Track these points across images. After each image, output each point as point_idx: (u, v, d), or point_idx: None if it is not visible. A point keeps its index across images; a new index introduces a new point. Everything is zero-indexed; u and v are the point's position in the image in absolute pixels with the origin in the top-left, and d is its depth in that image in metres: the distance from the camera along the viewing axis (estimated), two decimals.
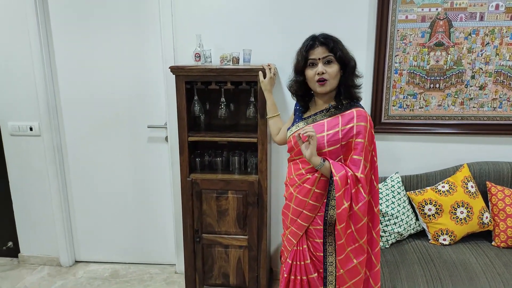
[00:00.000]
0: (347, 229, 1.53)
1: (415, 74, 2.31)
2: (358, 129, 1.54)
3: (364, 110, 1.61)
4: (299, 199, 1.65)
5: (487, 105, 2.31)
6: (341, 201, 1.50)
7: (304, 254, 1.65)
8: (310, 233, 1.65)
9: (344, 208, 1.50)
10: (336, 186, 1.50)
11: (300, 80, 1.66)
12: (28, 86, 2.60)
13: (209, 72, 2.08)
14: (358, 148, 1.54)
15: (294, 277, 1.67)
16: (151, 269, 2.84)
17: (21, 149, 2.73)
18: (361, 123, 1.55)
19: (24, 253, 2.94)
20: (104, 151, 2.72)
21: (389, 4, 2.21)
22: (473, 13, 2.20)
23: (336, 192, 1.50)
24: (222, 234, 2.29)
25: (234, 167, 2.32)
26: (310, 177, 1.63)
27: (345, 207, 1.50)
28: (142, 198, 2.78)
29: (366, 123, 1.56)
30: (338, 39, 1.61)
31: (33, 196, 2.81)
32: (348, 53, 1.61)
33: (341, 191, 1.50)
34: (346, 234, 1.53)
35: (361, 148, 1.54)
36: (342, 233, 1.52)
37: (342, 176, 1.50)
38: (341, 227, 1.51)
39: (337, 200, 1.51)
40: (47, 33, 2.55)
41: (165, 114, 2.58)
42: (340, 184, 1.50)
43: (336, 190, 1.51)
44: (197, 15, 2.37)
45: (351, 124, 1.55)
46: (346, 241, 1.54)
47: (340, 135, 1.56)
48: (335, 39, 1.60)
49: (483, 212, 2.19)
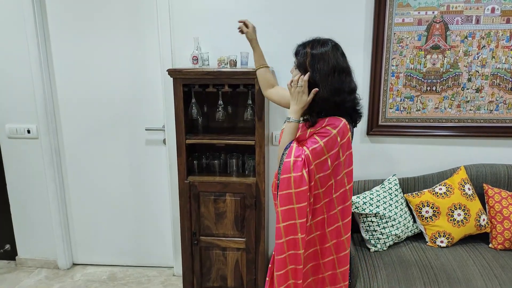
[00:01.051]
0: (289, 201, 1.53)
1: (412, 77, 2.32)
2: (322, 130, 1.53)
3: (339, 119, 1.55)
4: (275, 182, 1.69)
5: (484, 108, 2.33)
6: (287, 169, 1.52)
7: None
8: None
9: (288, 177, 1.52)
10: (289, 152, 1.54)
11: None
12: (26, 89, 2.60)
13: (206, 75, 2.09)
14: (309, 141, 1.54)
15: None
16: (149, 271, 2.84)
17: (18, 151, 2.73)
18: (328, 128, 1.53)
19: (21, 256, 2.94)
20: (101, 154, 2.71)
21: (385, 7, 2.22)
22: (469, 16, 2.21)
23: (286, 158, 1.53)
24: (220, 236, 2.29)
25: (232, 170, 2.32)
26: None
27: (289, 176, 1.51)
28: (140, 201, 2.77)
29: (334, 130, 1.53)
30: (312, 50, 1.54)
31: (31, 199, 2.81)
32: (311, 66, 1.53)
33: (292, 159, 1.51)
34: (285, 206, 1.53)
35: (314, 144, 1.53)
36: (280, 201, 1.54)
37: (297, 148, 1.54)
38: (280, 194, 1.53)
39: (284, 165, 1.53)
40: (44, 35, 2.55)
41: (162, 117, 2.58)
42: (294, 152, 1.52)
43: (287, 156, 1.53)
44: (194, 18, 2.37)
45: (320, 126, 1.55)
46: (282, 212, 1.54)
47: (307, 136, 1.57)
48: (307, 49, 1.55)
49: (480, 214, 2.20)
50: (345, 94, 1.54)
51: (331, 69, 1.51)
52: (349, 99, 1.55)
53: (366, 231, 2.21)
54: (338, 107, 1.55)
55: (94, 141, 2.70)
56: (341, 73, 1.53)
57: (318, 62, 1.52)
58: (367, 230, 2.20)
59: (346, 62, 1.56)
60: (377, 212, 2.17)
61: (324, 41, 1.57)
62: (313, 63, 1.52)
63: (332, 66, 1.51)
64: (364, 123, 2.41)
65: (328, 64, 1.51)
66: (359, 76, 2.35)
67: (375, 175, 2.45)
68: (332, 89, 1.51)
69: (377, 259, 2.11)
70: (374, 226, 2.18)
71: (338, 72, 1.52)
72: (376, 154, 2.46)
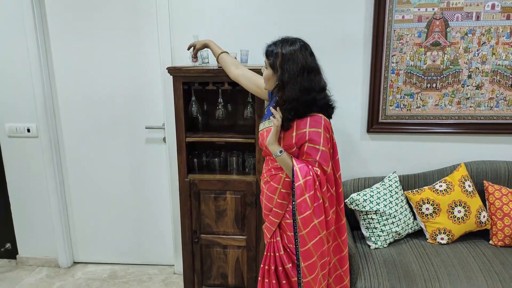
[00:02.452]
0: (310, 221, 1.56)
1: (412, 74, 2.31)
2: (310, 135, 1.57)
3: (319, 115, 1.59)
4: (268, 196, 1.72)
5: (484, 105, 2.32)
6: (301, 191, 1.54)
7: (278, 245, 1.69)
8: (283, 226, 1.70)
9: (303, 199, 1.54)
10: (295, 176, 1.55)
11: None
12: (26, 88, 2.59)
13: (206, 73, 2.09)
14: (309, 152, 1.58)
15: (268, 267, 1.71)
16: (149, 270, 2.84)
17: (18, 150, 2.73)
18: (314, 129, 1.57)
19: (22, 255, 2.94)
20: (102, 152, 2.72)
21: (385, 4, 2.22)
22: (469, 12, 2.21)
23: (296, 181, 1.55)
24: (221, 234, 2.29)
25: (232, 168, 2.32)
26: (276, 176, 1.69)
27: (305, 198, 1.54)
28: (140, 199, 2.78)
29: (320, 129, 1.57)
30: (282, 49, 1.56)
31: (31, 198, 2.81)
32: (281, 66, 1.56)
33: (301, 181, 1.54)
34: (308, 227, 1.56)
35: (315, 153, 1.57)
36: (302, 224, 1.56)
37: (302, 167, 1.56)
38: (301, 218, 1.56)
39: (297, 189, 1.55)
40: (44, 35, 2.55)
41: (162, 115, 2.58)
42: (300, 174, 1.54)
43: (295, 180, 1.55)
44: (194, 16, 2.37)
45: (304, 130, 1.58)
46: (308, 233, 1.57)
47: (294, 140, 1.60)
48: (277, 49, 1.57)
49: (480, 211, 2.20)
50: (315, 93, 1.58)
51: (300, 69, 1.55)
52: (320, 97, 1.60)
53: (367, 229, 2.21)
54: (309, 106, 1.59)
55: (94, 139, 2.70)
56: (310, 73, 1.57)
57: (288, 62, 1.56)
58: (367, 227, 2.21)
59: (315, 61, 1.61)
60: (377, 209, 2.17)
61: (292, 41, 1.61)
62: (283, 64, 1.56)
63: (301, 66, 1.56)
64: (364, 121, 2.41)
65: (297, 64, 1.56)
66: (359, 73, 2.35)
67: (375, 172, 2.45)
68: (301, 88, 1.55)
69: (377, 256, 2.11)
70: (374, 223, 2.19)
71: (307, 72, 1.56)
72: (376, 152, 2.46)
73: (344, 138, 2.42)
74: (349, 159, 2.46)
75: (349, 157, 2.45)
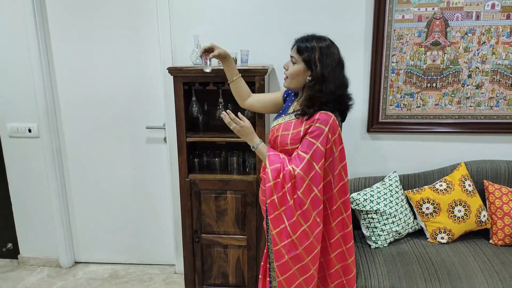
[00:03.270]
0: (278, 222, 1.58)
1: (412, 73, 2.32)
2: (314, 128, 1.55)
3: (330, 115, 1.57)
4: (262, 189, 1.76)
5: (484, 104, 2.33)
6: (270, 192, 1.57)
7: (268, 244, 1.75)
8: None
9: (272, 200, 1.57)
10: (267, 177, 1.58)
11: None
12: (27, 88, 2.60)
13: (207, 73, 2.09)
14: (305, 144, 1.56)
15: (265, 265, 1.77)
16: (150, 269, 2.85)
17: (20, 150, 2.73)
18: (320, 125, 1.55)
19: (23, 255, 2.95)
20: (103, 152, 2.72)
21: (385, 4, 2.22)
22: (469, 12, 2.21)
23: (266, 183, 1.58)
24: (221, 234, 2.30)
25: (233, 167, 2.33)
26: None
27: (273, 199, 1.56)
28: (141, 199, 2.78)
29: (325, 127, 1.55)
30: (319, 44, 1.56)
31: (33, 198, 2.82)
32: (320, 61, 1.55)
33: (271, 183, 1.56)
34: (277, 228, 1.58)
35: (310, 146, 1.55)
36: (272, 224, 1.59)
37: (274, 168, 1.57)
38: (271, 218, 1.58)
39: (266, 190, 1.58)
40: (45, 35, 2.56)
41: (163, 115, 2.59)
42: (271, 176, 1.56)
43: (266, 181, 1.58)
44: (194, 16, 2.37)
45: (312, 124, 1.57)
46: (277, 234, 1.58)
47: (301, 134, 1.59)
48: (313, 44, 1.56)
49: (480, 210, 2.20)
50: (345, 89, 1.61)
51: (337, 64, 1.57)
52: (347, 94, 1.62)
53: (367, 228, 2.21)
54: (339, 102, 1.61)
55: (95, 139, 2.70)
56: (342, 68, 1.60)
57: (327, 56, 1.56)
58: (367, 227, 2.21)
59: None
60: (377, 208, 2.18)
61: (323, 37, 1.61)
62: (322, 58, 1.56)
63: (337, 61, 1.58)
64: (364, 120, 2.42)
65: (334, 58, 1.57)
66: (360, 73, 2.35)
67: (376, 172, 2.45)
68: (338, 83, 1.57)
69: (377, 255, 2.11)
70: (374, 222, 2.19)
71: (342, 67, 1.59)
72: (376, 151, 2.46)
73: (344, 138, 2.38)
74: (350, 158, 2.43)
75: (349, 157, 2.42)
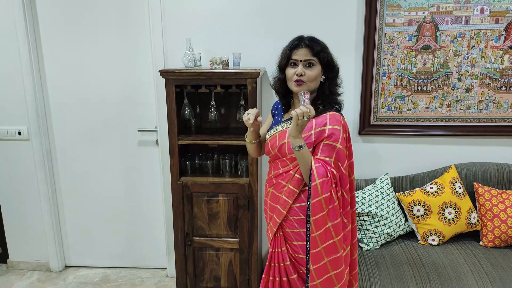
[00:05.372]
0: (323, 223, 1.50)
1: (403, 76, 2.34)
2: (330, 131, 1.53)
3: (338, 114, 1.59)
4: (274, 195, 1.67)
5: (474, 107, 2.35)
6: (316, 192, 1.48)
7: (283, 256, 1.65)
8: (288, 235, 1.64)
9: (318, 200, 1.48)
10: (312, 175, 1.49)
11: (281, 78, 1.66)
12: (17, 90, 2.57)
13: (199, 75, 2.09)
14: (325, 149, 1.53)
15: (273, 278, 1.67)
16: (142, 273, 2.83)
17: (9, 153, 2.70)
18: (334, 127, 1.54)
19: (13, 259, 2.91)
20: (94, 155, 2.70)
21: (376, 8, 2.24)
22: (458, 16, 2.24)
23: (313, 181, 1.49)
24: (213, 237, 2.29)
25: (225, 170, 2.32)
26: (285, 175, 1.63)
27: (320, 199, 1.48)
28: (133, 202, 2.76)
29: (340, 127, 1.55)
30: (325, 44, 1.60)
31: (22, 201, 2.78)
32: (333, 60, 1.61)
33: (317, 181, 1.48)
34: (321, 229, 1.50)
35: (331, 150, 1.53)
36: (314, 225, 1.50)
37: (319, 167, 1.49)
38: (315, 219, 1.49)
39: (312, 189, 1.48)
40: (35, 37, 2.53)
41: (155, 118, 2.58)
42: (317, 174, 1.48)
43: (312, 180, 1.49)
44: (186, 19, 2.37)
45: (324, 127, 1.54)
46: (320, 236, 1.50)
47: (313, 138, 1.56)
48: (322, 44, 1.59)
49: (470, 212, 2.22)
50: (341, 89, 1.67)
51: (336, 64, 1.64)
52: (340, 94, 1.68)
53: (359, 230, 2.22)
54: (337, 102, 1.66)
55: (86, 142, 2.68)
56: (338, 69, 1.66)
57: (332, 56, 1.62)
58: (359, 229, 2.22)
59: None
60: (369, 211, 2.19)
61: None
62: (331, 58, 1.61)
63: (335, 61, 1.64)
64: (356, 123, 2.43)
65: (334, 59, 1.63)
66: (351, 76, 2.37)
67: (367, 174, 2.46)
68: (339, 82, 1.65)
69: (369, 258, 2.12)
70: (366, 225, 2.20)
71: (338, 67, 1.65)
72: (368, 154, 2.47)
73: None
74: None
75: None
